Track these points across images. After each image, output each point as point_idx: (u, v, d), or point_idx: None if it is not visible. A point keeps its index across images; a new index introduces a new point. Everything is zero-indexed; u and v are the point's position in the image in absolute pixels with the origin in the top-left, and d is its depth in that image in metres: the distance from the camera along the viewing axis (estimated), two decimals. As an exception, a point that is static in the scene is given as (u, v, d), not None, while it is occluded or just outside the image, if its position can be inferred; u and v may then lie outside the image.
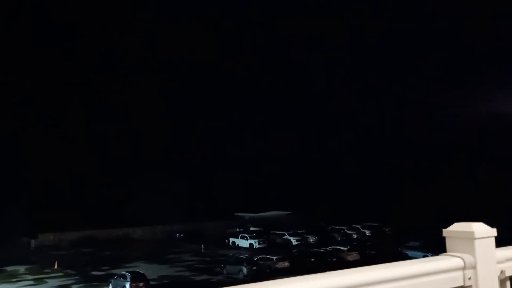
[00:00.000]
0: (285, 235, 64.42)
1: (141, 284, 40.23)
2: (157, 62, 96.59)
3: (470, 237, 2.69)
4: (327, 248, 52.55)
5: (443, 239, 2.83)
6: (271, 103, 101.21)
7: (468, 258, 2.64)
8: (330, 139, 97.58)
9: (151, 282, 41.90)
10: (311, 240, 63.24)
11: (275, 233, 65.44)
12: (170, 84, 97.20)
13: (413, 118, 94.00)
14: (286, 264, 45.72)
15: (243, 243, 61.94)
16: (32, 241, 65.96)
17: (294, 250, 55.85)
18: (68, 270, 48.69)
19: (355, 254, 50.10)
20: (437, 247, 3.54)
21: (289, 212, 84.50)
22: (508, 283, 2.87)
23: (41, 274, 47.57)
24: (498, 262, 2.78)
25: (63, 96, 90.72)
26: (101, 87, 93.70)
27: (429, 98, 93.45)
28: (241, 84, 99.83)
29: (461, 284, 2.62)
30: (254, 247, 59.96)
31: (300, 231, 65.89)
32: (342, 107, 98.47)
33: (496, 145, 77.40)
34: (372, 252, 51.40)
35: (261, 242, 61.16)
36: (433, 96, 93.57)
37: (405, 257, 43.02)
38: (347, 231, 68.04)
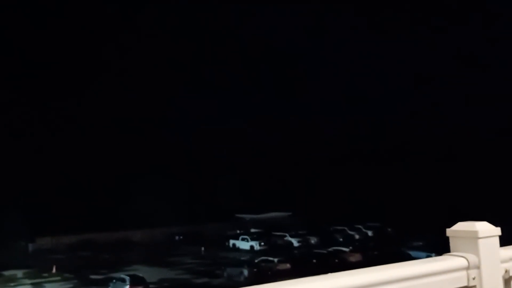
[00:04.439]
0: (286, 236, 64.01)
1: (140, 288, 39.86)
2: (152, 59, 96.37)
3: (474, 237, 2.68)
4: (329, 249, 52.10)
5: (446, 239, 2.82)
6: (271, 102, 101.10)
7: (472, 258, 2.64)
8: (330, 138, 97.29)
9: (151, 286, 41.59)
10: (312, 241, 62.82)
11: (276, 234, 65.02)
12: (167, 83, 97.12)
13: (415, 114, 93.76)
14: (288, 266, 45.21)
15: (244, 245, 61.57)
16: (30, 245, 65.59)
17: (295, 252, 55.45)
18: (67, 274, 48.42)
19: (357, 255, 49.58)
20: (441, 247, 3.45)
21: (290, 213, 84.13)
22: None
23: (39, 278, 47.32)
24: (502, 262, 2.78)
25: (62, 96, 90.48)
26: (101, 87, 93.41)
27: (431, 96, 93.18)
28: (239, 84, 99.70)
29: (465, 284, 2.62)
30: (255, 249, 59.55)
31: (301, 232, 65.48)
32: (340, 105, 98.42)
33: (500, 142, 77.12)
34: (375, 252, 50.85)
35: (262, 243, 60.74)
36: (434, 95, 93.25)
37: (408, 257, 42.51)
38: (349, 232, 67.59)
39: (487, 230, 2.71)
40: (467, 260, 2.62)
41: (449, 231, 2.83)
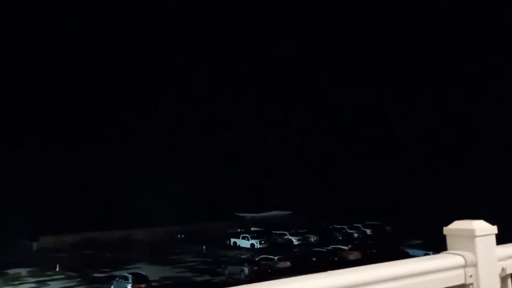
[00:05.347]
0: (286, 235, 64.44)
1: (143, 286, 40.44)
2: (148, 63, 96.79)
3: (471, 235, 2.70)
4: (329, 248, 52.66)
5: (444, 237, 2.85)
6: (270, 101, 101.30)
7: (469, 256, 2.65)
8: (329, 138, 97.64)
9: (153, 284, 42.06)
10: (312, 240, 63.29)
11: (276, 233, 65.46)
12: (166, 84, 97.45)
13: (412, 114, 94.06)
14: (288, 264, 45.79)
15: (244, 243, 61.95)
16: (34, 244, 65.96)
17: (295, 250, 55.94)
18: (70, 272, 48.81)
19: (356, 253, 50.20)
20: (438, 245, 3.54)
21: (290, 212, 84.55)
22: (509, 281, 2.90)
23: (43, 276, 47.68)
24: (499, 260, 2.80)
25: (62, 97, 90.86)
26: (101, 88, 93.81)
27: (426, 95, 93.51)
28: (239, 83, 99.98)
29: (463, 282, 2.64)
30: (256, 247, 59.98)
31: (301, 231, 65.96)
32: (337, 105, 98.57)
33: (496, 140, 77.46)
34: (373, 251, 51.49)
35: (262, 242, 61.17)
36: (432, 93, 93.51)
37: (406, 256, 42.97)
38: (348, 230, 68.07)
39: (483, 229, 2.72)
40: (464, 258, 2.63)
41: (446, 230, 2.84)
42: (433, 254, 3.00)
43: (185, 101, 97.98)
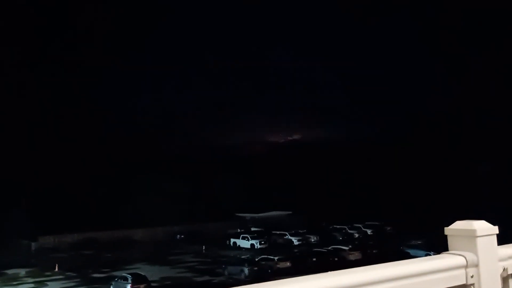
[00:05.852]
0: (287, 235, 64.43)
1: (142, 286, 40.31)
2: (155, 62, 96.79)
3: (472, 235, 2.70)
4: (329, 248, 52.58)
5: (445, 238, 2.84)
6: (271, 102, 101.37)
7: (470, 256, 2.65)
8: (329, 138, 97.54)
9: (153, 284, 41.94)
10: (312, 240, 63.27)
11: (277, 233, 65.45)
12: (167, 83, 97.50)
13: (409, 114, 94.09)
14: (288, 264, 45.68)
15: (244, 243, 61.92)
16: (32, 244, 65.86)
17: (295, 250, 55.88)
18: (69, 273, 48.71)
19: (356, 254, 50.08)
20: (439, 245, 3.50)
21: (290, 212, 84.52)
22: (510, 281, 2.90)
23: (41, 277, 47.57)
24: (500, 260, 2.79)
25: (62, 96, 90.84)
26: (101, 87, 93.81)
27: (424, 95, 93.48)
28: (239, 84, 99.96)
29: (464, 282, 2.63)
30: (256, 247, 59.96)
31: (301, 231, 65.93)
32: (336, 105, 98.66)
33: (496, 140, 77.36)
34: (374, 251, 51.39)
35: (263, 242, 61.18)
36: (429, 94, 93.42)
37: (407, 256, 42.92)
38: (349, 231, 68.05)
39: (485, 229, 2.72)
40: (466, 258, 2.63)
41: (448, 230, 2.85)
42: (434, 254, 2.99)
43: (182, 100, 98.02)
